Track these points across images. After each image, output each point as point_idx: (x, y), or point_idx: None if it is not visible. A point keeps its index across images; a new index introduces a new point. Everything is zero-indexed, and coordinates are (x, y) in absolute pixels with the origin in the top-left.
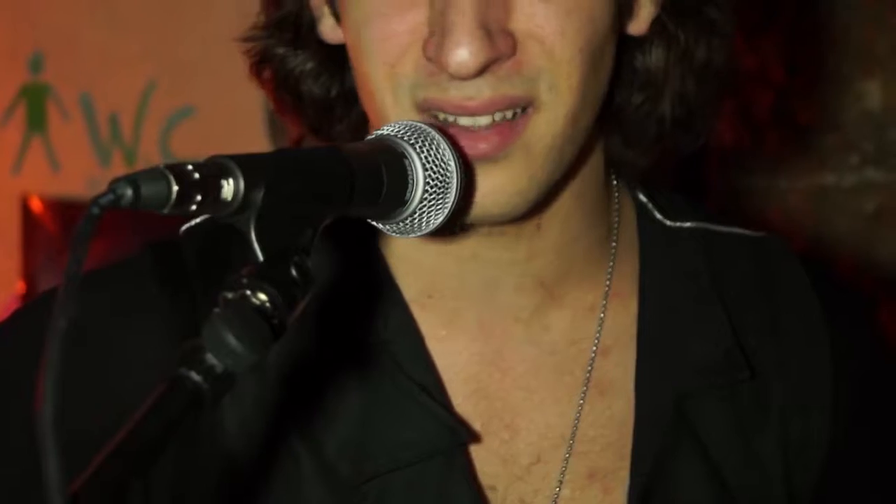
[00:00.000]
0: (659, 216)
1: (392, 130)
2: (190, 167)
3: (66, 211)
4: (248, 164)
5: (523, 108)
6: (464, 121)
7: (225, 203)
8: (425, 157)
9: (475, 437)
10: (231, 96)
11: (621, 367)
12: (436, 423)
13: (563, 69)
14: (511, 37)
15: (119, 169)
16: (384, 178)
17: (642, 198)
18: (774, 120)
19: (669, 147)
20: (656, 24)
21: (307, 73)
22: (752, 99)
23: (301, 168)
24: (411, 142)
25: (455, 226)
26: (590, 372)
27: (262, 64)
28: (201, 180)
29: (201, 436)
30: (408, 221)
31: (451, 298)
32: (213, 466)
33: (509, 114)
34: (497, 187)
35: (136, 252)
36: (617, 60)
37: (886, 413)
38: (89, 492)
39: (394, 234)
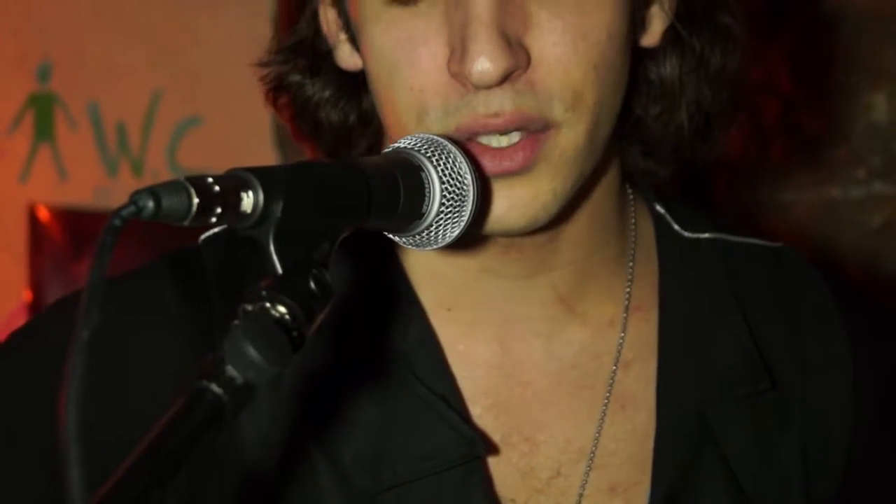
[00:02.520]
0: (676, 227)
1: (409, 143)
2: (210, 180)
3: (73, 220)
4: (267, 177)
5: (542, 128)
6: (494, 141)
7: (244, 215)
8: (442, 170)
9: (494, 450)
10: (238, 106)
11: (643, 381)
12: (454, 435)
13: (576, 88)
14: (526, 52)
15: (126, 178)
16: (401, 190)
17: (659, 209)
18: (781, 132)
19: (687, 157)
20: (669, 34)
21: (325, 100)
22: (758, 110)
23: (319, 181)
24: (428, 155)
25: (475, 237)
26: (611, 386)
27: (278, 91)
28: (221, 193)
29: (218, 448)
30: (424, 234)
31: (469, 311)
32: (230, 479)
33: (533, 126)
34: (522, 201)
35: (153, 261)
36: (632, 73)
37: None
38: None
39: (410, 246)
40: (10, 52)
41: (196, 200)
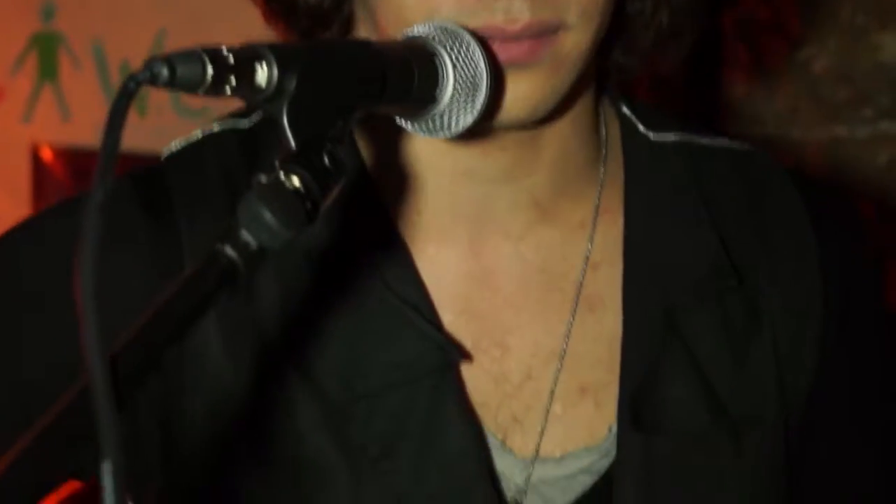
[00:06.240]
0: (642, 128)
1: (423, 31)
2: (225, 51)
3: (76, 159)
4: (282, 52)
5: (553, 30)
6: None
7: (259, 89)
8: (455, 57)
9: (466, 357)
10: None
11: (610, 282)
12: (426, 343)
13: None
14: None
15: (130, 118)
16: (415, 74)
17: (625, 110)
18: (788, 71)
19: (660, 56)
20: None
21: None
22: (765, 50)
23: (334, 58)
24: (442, 41)
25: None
26: (579, 288)
27: None
28: (236, 64)
29: (187, 358)
30: (437, 120)
31: (441, 216)
32: (201, 388)
33: (546, 30)
34: (525, 93)
35: (116, 180)
36: None
37: (872, 324)
38: (126, 356)
39: (422, 133)
40: None
41: (211, 70)
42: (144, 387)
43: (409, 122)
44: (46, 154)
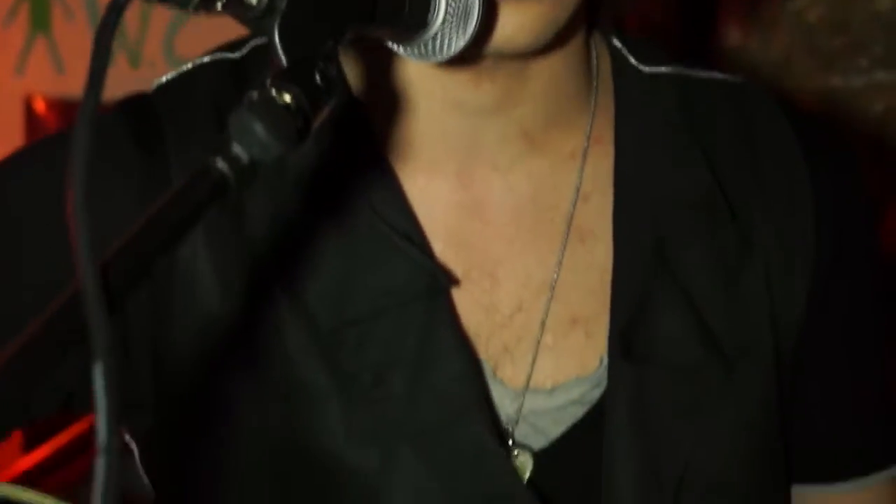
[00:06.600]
0: (633, 61)
1: None
2: None
3: (69, 111)
4: None
5: None
6: None
7: (249, 5)
8: None
9: (456, 284)
10: None
11: (601, 213)
12: (416, 269)
13: None
14: None
15: (123, 69)
16: None
17: (616, 43)
18: (782, 20)
19: None
20: None
21: None
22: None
23: None
24: None
25: (446, 65)
26: (570, 219)
27: None
28: None
29: (177, 278)
30: (429, 44)
31: (432, 145)
32: (191, 308)
33: None
34: (528, 23)
35: (107, 115)
36: None
37: (864, 257)
38: (116, 262)
39: (414, 58)
40: None
41: None
42: (134, 299)
43: (400, 46)
44: (40, 105)
